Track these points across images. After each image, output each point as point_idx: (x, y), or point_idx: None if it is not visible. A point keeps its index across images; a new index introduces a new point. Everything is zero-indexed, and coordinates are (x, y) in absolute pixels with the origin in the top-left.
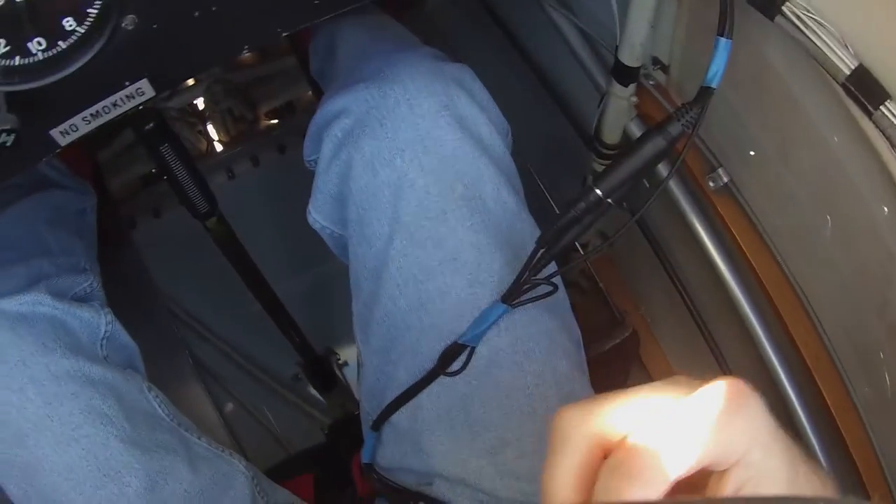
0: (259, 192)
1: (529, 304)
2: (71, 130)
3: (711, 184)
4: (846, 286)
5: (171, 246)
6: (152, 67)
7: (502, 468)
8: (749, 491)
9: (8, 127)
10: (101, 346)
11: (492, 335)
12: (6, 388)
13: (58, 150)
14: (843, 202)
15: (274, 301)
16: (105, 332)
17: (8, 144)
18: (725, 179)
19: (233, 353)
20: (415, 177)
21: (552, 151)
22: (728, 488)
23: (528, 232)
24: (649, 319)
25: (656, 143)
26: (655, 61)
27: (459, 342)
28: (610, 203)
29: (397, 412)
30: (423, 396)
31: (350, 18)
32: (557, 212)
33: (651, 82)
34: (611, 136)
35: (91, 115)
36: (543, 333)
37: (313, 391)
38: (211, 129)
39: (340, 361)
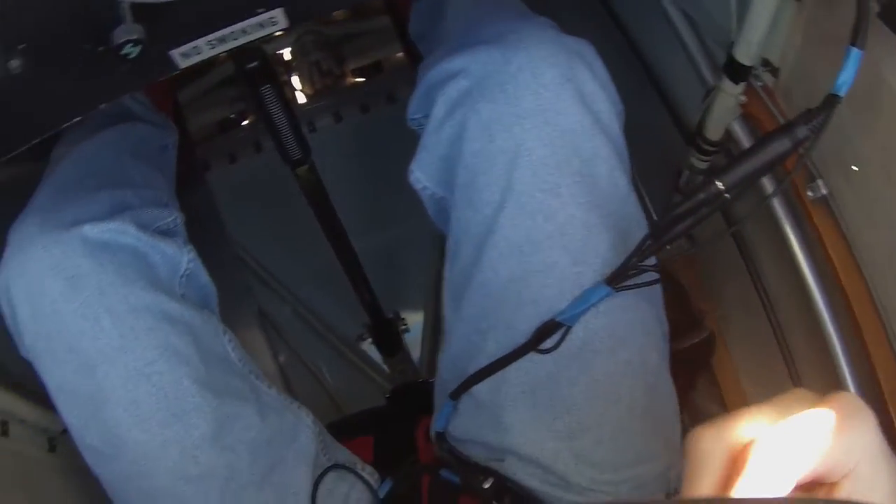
0: (339, 148)
1: (629, 291)
2: (193, 53)
3: (810, 193)
4: None
5: (244, 192)
6: None
7: (579, 453)
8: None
9: (134, 37)
10: (180, 283)
11: (589, 317)
12: (81, 317)
13: (175, 72)
14: None
15: (352, 257)
16: (185, 269)
17: (131, 56)
18: (824, 191)
19: (298, 307)
20: (533, 146)
21: (645, 140)
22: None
23: (635, 216)
24: (722, 323)
25: (782, 144)
26: (765, 63)
27: (557, 320)
28: (728, 198)
29: (480, 384)
30: (510, 370)
31: None
32: (651, 204)
33: (760, 83)
34: (714, 132)
35: (217, 39)
36: (639, 322)
37: (373, 355)
38: (296, 80)
39: (404, 327)
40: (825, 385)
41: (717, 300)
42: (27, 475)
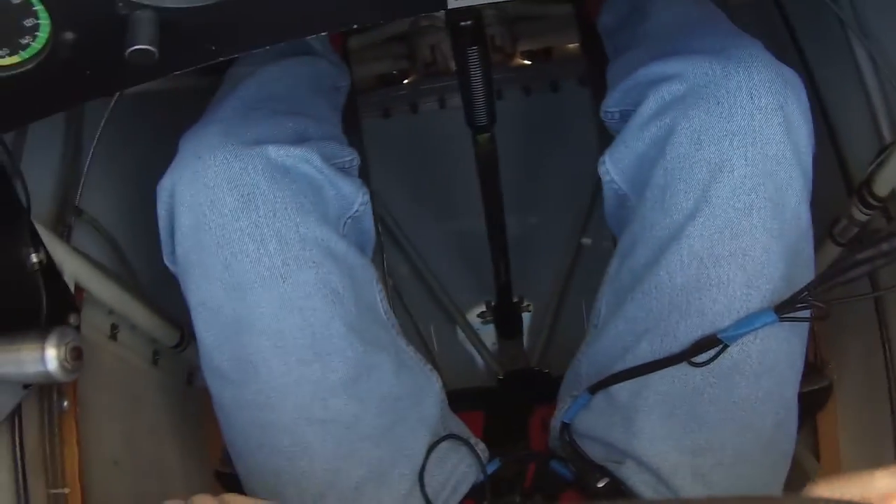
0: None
1: (786, 324)
2: None
3: None
4: None
5: (392, 150)
6: None
7: (697, 471)
8: None
9: None
10: (346, 224)
11: (746, 340)
12: (248, 236)
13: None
14: None
15: (502, 233)
16: (356, 210)
17: None
18: None
19: (423, 270)
20: (736, 164)
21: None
22: None
23: (808, 252)
24: (837, 375)
25: None
26: None
27: (718, 336)
28: None
29: (620, 384)
30: (656, 377)
31: None
32: None
33: None
34: (882, 188)
35: None
36: (787, 355)
37: (484, 335)
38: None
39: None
40: None
41: (840, 352)
42: (129, 384)
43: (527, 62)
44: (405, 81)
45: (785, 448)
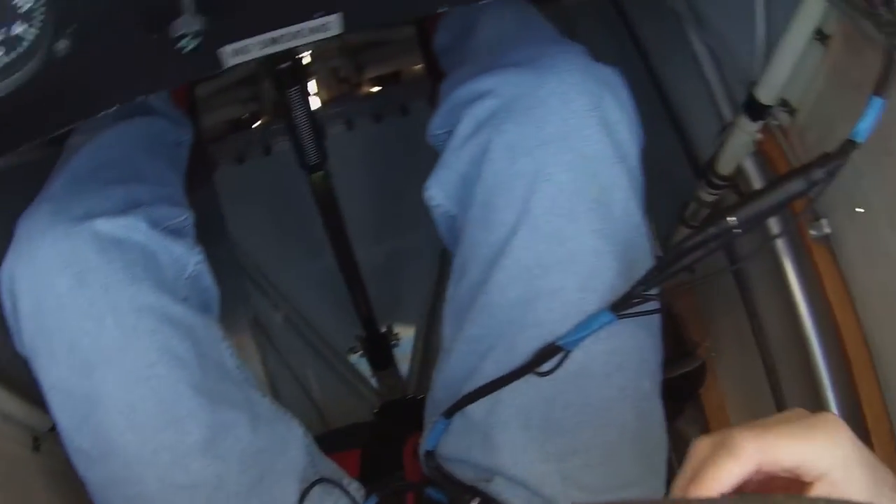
0: (348, 156)
1: (629, 319)
2: (242, 52)
3: (813, 232)
4: None
5: (250, 195)
6: (349, 3)
7: (567, 475)
8: None
9: (196, 29)
10: (185, 285)
11: (589, 342)
12: (83, 314)
13: (220, 71)
14: None
15: (353, 267)
16: (192, 271)
17: (186, 49)
18: (827, 231)
19: (291, 314)
20: (553, 171)
21: (654, 168)
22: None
23: (644, 246)
24: (714, 354)
25: (797, 185)
26: (783, 103)
27: (557, 343)
28: (738, 233)
29: (474, 404)
30: (506, 392)
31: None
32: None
33: (776, 123)
34: (726, 167)
35: (270, 39)
36: (637, 350)
37: (362, 369)
38: (312, 84)
39: (395, 342)
40: None
41: (711, 331)
42: (9, 474)
43: (375, 89)
44: (256, 125)
45: (654, 436)
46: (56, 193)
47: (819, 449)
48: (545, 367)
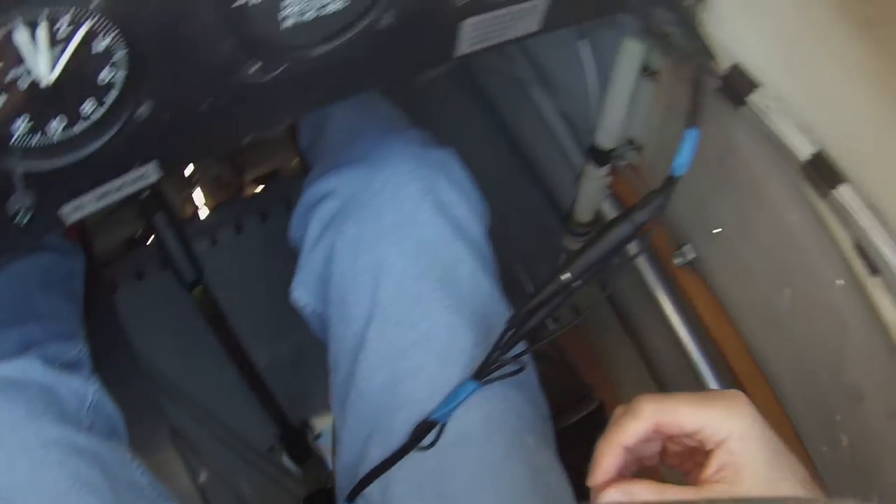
0: (241, 259)
1: (498, 382)
2: (78, 208)
3: (679, 260)
4: (803, 354)
5: (152, 310)
6: (161, 152)
7: None
8: (728, 474)
9: (28, 204)
10: (87, 413)
11: (461, 411)
12: None
13: (64, 226)
14: (801, 276)
15: (252, 371)
16: (91, 400)
17: (23, 222)
18: (691, 256)
19: (210, 422)
20: (394, 261)
21: (530, 227)
22: (711, 465)
23: (500, 312)
24: (617, 389)
25: (622, 230)
26: (631, 142)
27: (430, 419)
28: (580, 284)
29: (370, 486)
30: (395, 471)
31: None
32: (532, 288)
33: (625, 162)
34: (585, 214)
35: (99, 195)
36: (512, 409)
37: (289, 463)
38: (197, 194)
39: (315, 433)
40: None
41: (610, 368)
42: None
43: (259, 188)
44: (150, 240)
45: (555, 486)
46: None
47: (717, 417)
48: (425, 442)
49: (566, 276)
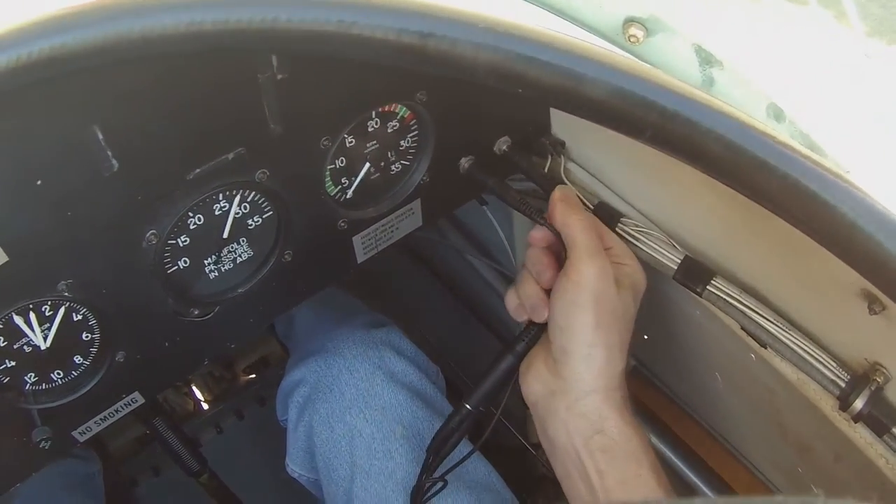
0: (246, 443)
1: (451, 488)
2: (87, 430)
3: None
4: (751, 421)
5: (171, 502)
6: (141, 383)
7: None
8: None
9: (46, 436)
10: None
11: None
12: None
13: (78, 444)
14: (720, 360)
15: None
16: None
17: (46, 447)
18: (632, 363)
19: None
20: (362, 427)
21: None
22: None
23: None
24: None
25: (507, 361)
26: None
27: None
28: (482, 410)
29: None
30: None
31: None
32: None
33: None
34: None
35: (100, 419)
36: None
37: None
38: (195, 390)
39: None
40: None
41: None
42: None
43: (252, 376)
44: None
45: None
46: None
47: (571, 225)
48: None
49: (468, 406)
